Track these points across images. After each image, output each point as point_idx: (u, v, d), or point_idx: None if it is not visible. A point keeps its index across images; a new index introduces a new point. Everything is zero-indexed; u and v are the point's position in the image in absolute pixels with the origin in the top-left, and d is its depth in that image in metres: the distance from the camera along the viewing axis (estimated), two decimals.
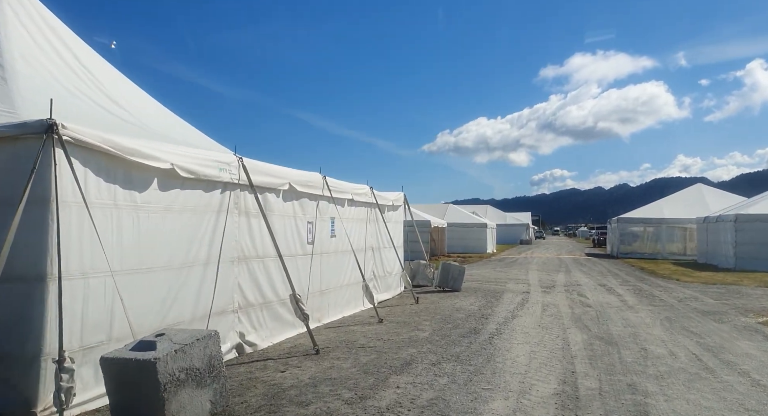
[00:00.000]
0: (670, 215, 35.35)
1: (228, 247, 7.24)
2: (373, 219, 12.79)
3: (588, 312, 11.43)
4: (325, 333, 8.96)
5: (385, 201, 13.60)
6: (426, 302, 12.81)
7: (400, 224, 15.07)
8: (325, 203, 10.11)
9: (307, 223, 9.47)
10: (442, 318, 10.34)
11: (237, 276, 7.45)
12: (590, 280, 18.95)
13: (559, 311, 11.51)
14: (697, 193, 37.86)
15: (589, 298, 13.78)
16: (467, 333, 8.88)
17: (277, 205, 8.49)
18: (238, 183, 7.37)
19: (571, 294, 14.73)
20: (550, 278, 19.69)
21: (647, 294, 15.04)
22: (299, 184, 8.93)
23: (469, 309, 11.58)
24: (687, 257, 33.62)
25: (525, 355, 7.33)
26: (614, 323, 10.06)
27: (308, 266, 9.47)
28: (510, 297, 13.93)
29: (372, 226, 12.75)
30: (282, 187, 8.48)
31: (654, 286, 17.25)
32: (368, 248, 12.49)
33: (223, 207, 7.15)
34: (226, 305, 7.20)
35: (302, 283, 9.22)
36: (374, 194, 12.55)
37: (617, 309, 11.84)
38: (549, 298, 13.68)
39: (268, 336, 8.12)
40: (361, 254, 12.02)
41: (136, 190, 5.71)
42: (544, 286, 16.66)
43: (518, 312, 11.31)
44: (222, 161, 7.01)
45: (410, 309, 11.62)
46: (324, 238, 10.14)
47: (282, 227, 8.62)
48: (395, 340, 8.24)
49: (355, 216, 11.74)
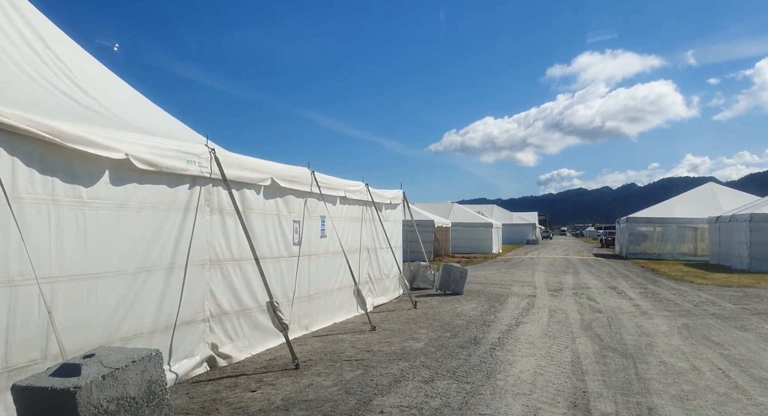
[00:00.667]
0: (680, 214, 34.42)
1: (198, 249, 6.48)
2: (368, 218, 12.02)
3: (599, 318, 10.61)
4: (311, 342, 8.19)
5: (383, 199, 12.83)
6: (425, 306, 12.02)
7: (399, 223, 14.29)
8: (314, 201, 9.34)
9: (293, 222, 8.71)
10: (441, 326, 9.55)
11: (209, 282, 6.69)
12: (599, 282, 18.11)
13: (567, 317, 10.70)
14: (709, 192, 36.89)
15: (599, 303, 12.96)
16: (466, 343, 8.09)
17: (258, 202, 7.73)
18: (210, 177, 6.61)
19: (579, 297, 13.91)
20: (558, 280, 18.87)
21: (660, 297, 14.20)
22: (283, 180, 8.17)
23: (470, 315, 10.78)
24: (698, 258, 32.69)
25: (530, 371, 6.54)
26: (628, 331, 9.25)
27: (294, 269, 8.71)
28: (515, 301, 13.13)
29: (368, 226, 11.98)
30: (263, 182, 7.72)
31: (667, 289, 16.40)
32: (363, 249, 11.72)
33: (192, 204, 6.39)
34: (195, 314, 6.44)
35: (287, 288, 8.47)
36: (370, 191, 11.78)
37: (630, 315, 11.02)
38: (556, 302, 12.86)
39: (247, 347, 7.37)
40: (355, 255, 11.26)
41: (80, 183, 4.95)
42: (551, 289, 15.84)
43: (523, 318, 10.51)
44: (190, 152, 6.25)
45: (407, 315, 10.83)
46: (313, 239, 9.38)
47: (263, 226, 7.87)
48: (386, 352, 7.46)
49: (349, 215, 10.97)
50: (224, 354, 6.85)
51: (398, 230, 14.22)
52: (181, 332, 6.18)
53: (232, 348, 7.05)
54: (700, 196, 36.52)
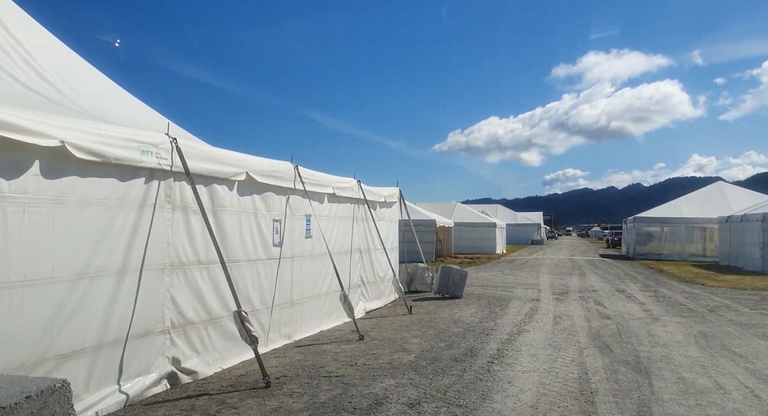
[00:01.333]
0: (689, 214, 33.53)
1: (156, 251, 5.73)
2: (361, 217, 11.26)
3: (607, 325, 9.82)
4: (291, 354, 7.43)
5: (377, 197, 12.06)
6: (420, 312, 11.25)
7: (394, 223, 13.51)
8: (297, 198, 8.59)
9: (273, 222, 7.95)
10: (435, 334, 8.77)
11: (169, 288, 5.93)
12: (607, 285, 17.30)
13: (573, 324, 9.91)
14: (718, 191, 35.99)
15: (607, 307, 12.16)
16: (462, 355, 7.32)
17: (230, 199, 6.98)
18: (171, 170, 5.86)
19: (586, 302, 13.11)
20: (563, 283, 18.06)
21: (672, 301, 13.39)
22: (261, 175, 7.42)
23: (468, 322, 10.00)
24: (707, 259, 31.83)
25: (531, 390, 5.76)
26: (640, 341, 8.46)
27: (274, 272, 7.95)
28: (517, 305, 12.34)
29: (360, 225, 11.22)
30: (236, 177, 6.97)
31: (678, 292, 15.58)
32: (355, 250, 10.96)
33: (149, 200, 5.64)
34: (152, 324, 5.69)
35: (265, 294, 7.72)
36: (362, 189, 11.02)
37: (641, 322, 10.22)
38: (562, 307, 12.07)
39: (217, 360, 6.62)
40: (346, 257, 10.51)
41: (1, 175, 4.21)
42: (556, 292, 15.04)
43: (525, 325, 9.72)
44: (146, 141, 5.49)
45: (400, 322, 10.07)
46: (297, 239, 8.62)
47: (237, 226, 7.11)
48: (372, 366, 6.69)
49: (339, 214, 10.21)
50: (188, 369, 6.10)
51: (394, 230, 13.46)
52: (134, 346, 5.43)
53: (198, 362, 6.30)
54: (709, 195, 35.63)
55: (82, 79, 7.41)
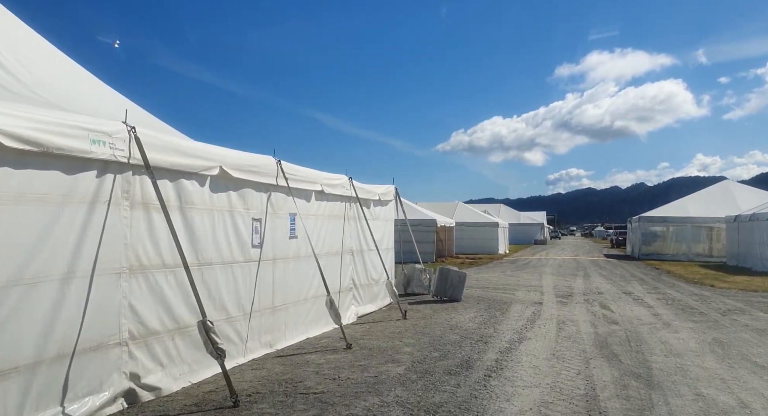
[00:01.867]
0: (695, 213, 32.82)
1: (111, 254, 5.10)
2: (353, 216, 10.63)
3: (615, 332, 9.16)
4: (270, 365, 6.80)
5: (370, 194, 11.42)
6: (416, 316, 10.60)
7: (390, 222, 12.86)
8: (280, 195, 7.96)
9: (252, 221, 7.32)
10: (430, 342, 8.13)
11: (127, 295, 5.30)
12: (613, 287, 16.62)
13: (578, 330, 9.25)
14: (724, 190, 35.28)
15: (614, 311, 11.50)
16: (457, 367, 6.67)
17: (201, 196, 6.34)
18: (130, 163, 5.23)
19: (592, 305, 12.45)
20: (567, 284, 17.39)
21: (682, 305, 12.72)
22: (237, 169, 6.78)
23: (466, 328, 9.35)
24: (714, 259, 31.14)
25: (533, 410, 5.11)
26: (651, 349, 7.81)
27: (253, 276, 7.31)
28: (519, 309, 11.68)
29: (352, 225, 10.59)
30: (208, 171, 6.33)
31: (687, 294, 14.91)
32: (346, 251, 10.32)
33: (102, 196, 5.01)
34: (106, 336, 5.06)
35: (243, 299, 7.08)
36: (354, 186, 10.38)
37: (651, 328, 9.56)
38: (566, 311, 11.41)
39: (186, 374, 5.98)
40: (335, 259, 9.87)
41: None
42: (560, 295, 14.37)
43: (527, 332, 9.07)
44: (96, 130, 4.86)
45: (394, 328, 9.42)
46: (279, 240, 7.99)
47: (209, 226, 6.48)
48: (356, 380, 6.05)
49: (328, 213, 9.57)
50: (150, 385, 5.46)
51: (390, 230, 12.82)
52: (83, 361, 4.80)
53: (163, 376, 5.66)
54: (716, 194, 34.92)
55: (44, 64, 6.80)
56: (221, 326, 6.61)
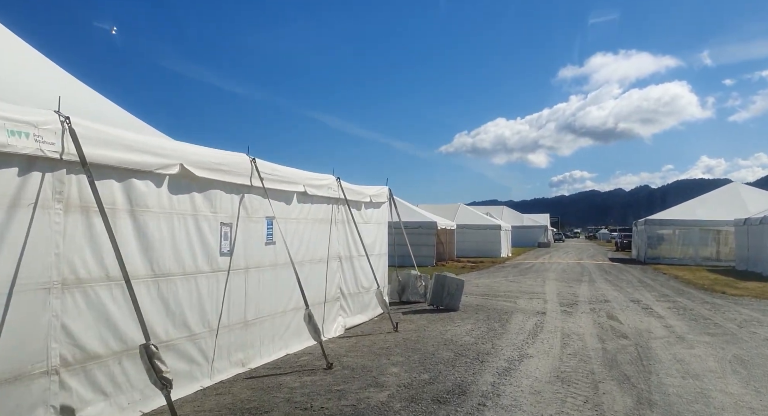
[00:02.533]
0: (703, 216, 31.96)
1: (37, 266, 4.33)
2: (341, 219, 9.85)
3: (625, 347, 8.37)
4: (237, 389, 6.02)
5: (361, 196, 10.65)
6: (408, 329, 9.81)
7: (383, 226, 12.07)
8: (256, 198, 7.20)
9: (221, 226, 6.55)
10: (420, 361, 7.34)
11: (59, 313, 4.53)
12: (620, 294, 15.80)
13: (584, 346, 8.46)
14: (733, 192, 34.40)
15: (622, 323, 10.69)
16: (447, 393, 5.87)
17: (157, 198, 5.57)
18: (63, 159, 4.46)
19: (598, 315, 11.65)
20: (572, 291, 16.57)
21: (695, 315, 11.91)
22: (202, 168, 6.02)
23: (462, 342, 8.56)
24: (722, 263, 30.27)
25: None
26: (666, 370, 7.01)
27: (221, 287, 6.54)
28: (520, 320, 10.88)
29: (340, 229, 9.82)
30: (166, 170, 5.57)
31: (699, 302, 14.10)
32: (333, 258, 9.54)
33: (25, 198, 4.24)
34: (29, 364, 4.28)
35: (209, 313, 6.31)
36: (342, 187, 9.61)
37: (664, 343, 8.76)
38: (570, 323, 10.61)
39: (137, 402, 5.21)
40: (320, 266, 9.10)
41: None
42: (565, 304, 13.56)
43: (529, 347, 8.28)
44: (17, 119, 4.09)
45: (383, 342, 8.64)
46: (254, 247, 7.22)
47: (167, 232, 5.71)
48: (331, 410, 5.26)
49: (312, 216, 8.80)
50: None
51: (383, 234, 12.03)
52: None
53: (105, 407, 4.89)
54: (724, 196, 34.06)
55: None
56: (182, 345, 5.85)
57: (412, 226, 28.54)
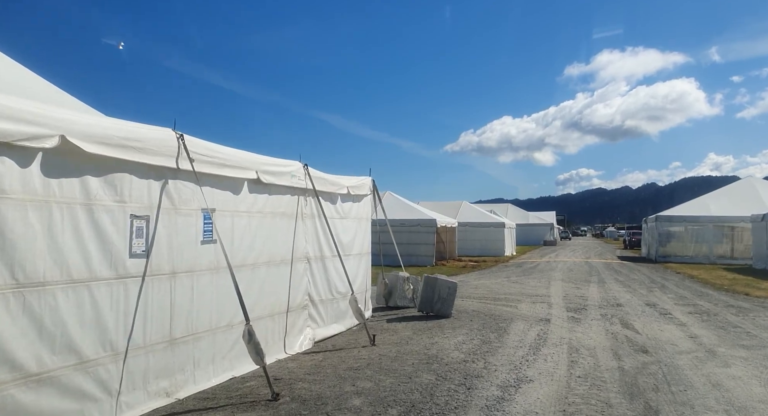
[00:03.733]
0: (717, 212, 30.35)
1: None
2: (311, 213, 8.42)
3: (646, 366, 6.89)
4: None
5: (335, 187, 9.20)
6: (389, 341, 8.36)
7: (365, 222, 10.61)
8: (187, 185, 5.77)
9: (132, 220, 5.12)
10: (392, 388, 5.87)
11: None
12: (633, 297, 14.29)
13: (597, 364, 6.99)
14: (748, 187, 32.80)
15: (639, 332, 9.21)
16: None
17: (19, 181, 4.13)
18: None
19: (611, 323, 10.16)
20: (580, 294, 15.06)
21: (721, 321, 10.41)
22: (98, 143, 4.59)
23: (448, 360, 7.11)
24: (737, 261, 28.71)
25: None
26: (702, 400, 5.54)
27: (131, 298, 5.10)
28: (520, 329, 9.41)
29: (309, 225, 8.38)
30: (38, 142, 4.14)
31: (722, 306, 12.59)
32: (299, 259, 8.11)
33: None
34: None
35: (111, 332, 4.87)
36: (310, 175, 8.17)
37: (693, 360, 7.28)
38: (579, 333, 9.12)
39: None
40: (282, 269, 7.66)
41: None
42: (572, 309, 12.07)
43: (528, 368, 6.81)
44: None
45: (353, 360, 7.19)
46: (185, 246, 5.79)
47: (41, 226, 4.27)
48: None
49: (270, 209, 7.37)
50: None
51: (364, 231, 10.56)
52: None
53: None
54: (739, 191, 32.46)
55: None
56: (68, 377, 4.43)
57: (411, 224, 27.11)
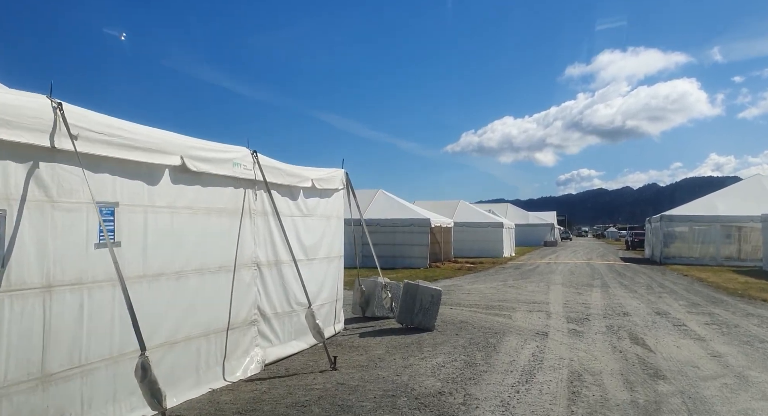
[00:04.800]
0: (725, 212, 28.97)
1: None
2: (261, 210, 7.07)
3: (666, 399, 5.52)
4: None
5: (295, 179, 7.83)
6: (354, 364, 7.00)
7: (335, 221, 9.22)
8: (73, 171, 4.41)
9: None
10: None
11: None
12: (640, 304, 12.92)
13: (605, 397, 5.61)
14: (757, 185, 31.43)
15: (653, 350, 7.84)
16: None
17: None
18: None
19: (618, 337, 8.78)
20: (581, 300, 13.67)
21: (744, 334, 9.05)
22: None
23: (421, 392, 5.73)
24: (746, 263, 27.36)
25: None
26: None
27: None
28: (513, 347, 8.04)
29: (260, 224, 7.03)
30: None
31: (741, 315, 11.22)
32: (246, 265, 6.75)
33: None
34: None
35: None
36: (260, 164, 6.81)
37: (722, 388, 5.91)
38: (582, 352, 7.75)
39: None
40: (221, 278, 6.30)
41: None
42: (573, 319, 10.69)
43: (519, 402, 5.43)
44: None
45: (304, 391, 5.81)
46: (68, 251, 4.43)
47: None
48: None
49: (204, 204, 6.01)
50: None
51: (334, 231, 9.18)
52: None
53: None
54: (748, 190, 31.09)
55: None
56: None
57: (404, 224, 25.72)
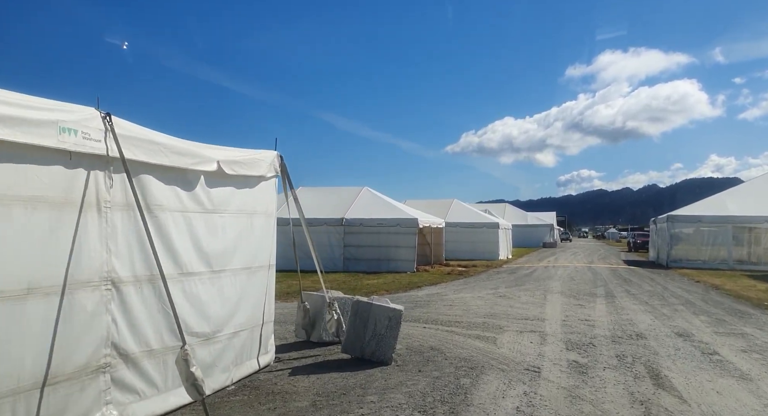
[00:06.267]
0: (737, 212, 26.79)
1: None
2: (123, 202, 4.86)
3: None
4: None
5: (189, 161, 5.61)
6: None
7: (260, 218, 7.00)
8: None
9: None
10: None
11: None
12: (655, 320, 10.69)
13: None
14: None
15: (685, 399, 5.63)
16: None
17: None
18: None
19: (635, 376, 6.57)
20: (584, 315, 11.43)
21: None
22: None
23: None
24: (759, 267, 25.28)
25: None
26: None
27: None
28: (491, 394, 5.82)
29: (119, 222, 4.83)
30: None
31: None
32: (90, 284, 4.53)
33: None
34: None
35: None
36: (114, 134, 4.59)
37: None
38: (587, 404, 5.53)
39: None
40: (35, 306, 4.07)
41: None
42: (574, 345, 8.45)
43: None
44: None
45: None
46: None
47: None
48: None
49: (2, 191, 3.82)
50: None
51: (262, 231, 6.96)
52: None
53: None
54: (760, 188, 28.90)
55: None
56: None
57: (389, 224, 23.45)
